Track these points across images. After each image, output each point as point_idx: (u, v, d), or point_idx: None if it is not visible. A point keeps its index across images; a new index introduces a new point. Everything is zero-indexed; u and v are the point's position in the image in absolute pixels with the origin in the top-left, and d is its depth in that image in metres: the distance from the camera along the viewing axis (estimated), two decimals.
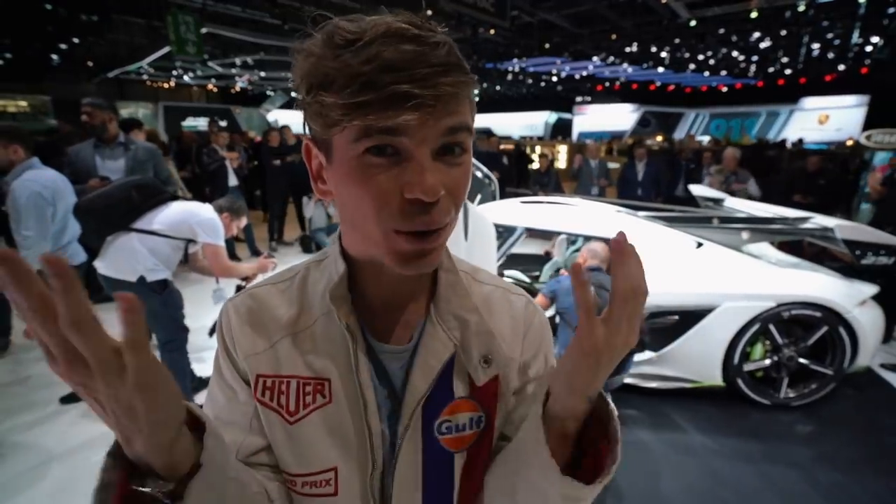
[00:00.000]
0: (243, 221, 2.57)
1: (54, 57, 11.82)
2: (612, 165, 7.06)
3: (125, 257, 2.23)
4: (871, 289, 2.74)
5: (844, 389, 2.90)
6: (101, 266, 2.27)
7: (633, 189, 5.75)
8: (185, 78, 16.49)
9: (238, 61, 12.74)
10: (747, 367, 2.69)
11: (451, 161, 0.41)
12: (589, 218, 3.03)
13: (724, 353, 2.65)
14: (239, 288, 2.30)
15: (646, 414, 2.71)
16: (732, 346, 2.64)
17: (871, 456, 2.38)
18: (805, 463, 2.32)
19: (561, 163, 13.43)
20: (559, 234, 3.70)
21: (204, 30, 7.71)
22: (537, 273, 3.92)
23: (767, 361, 2.72)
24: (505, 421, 0.55)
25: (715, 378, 2.70)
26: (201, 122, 18.39)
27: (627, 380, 2.67)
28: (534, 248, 4.45)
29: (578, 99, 24.28)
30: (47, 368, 0.32)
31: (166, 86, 17.85)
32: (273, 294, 0.54)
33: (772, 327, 2.63)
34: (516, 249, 4.29)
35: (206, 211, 2.34)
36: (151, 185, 2.32)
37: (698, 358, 2.70)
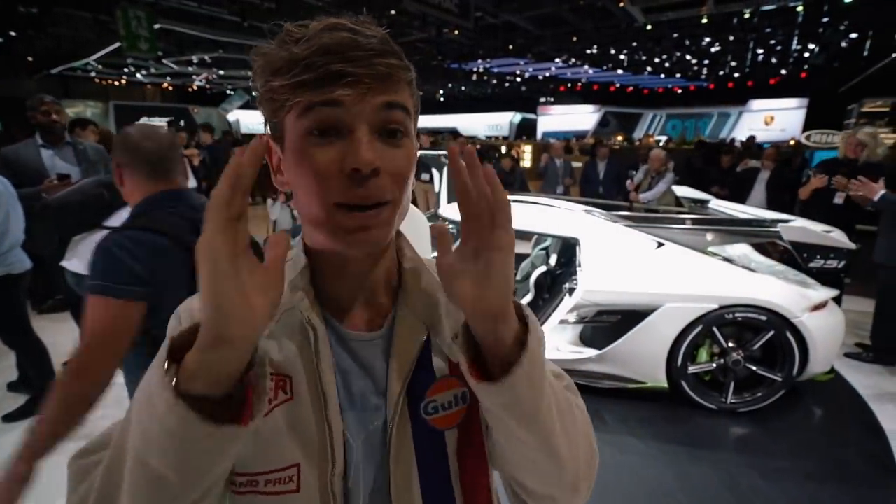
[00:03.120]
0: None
1: None
2: (577, 164, 7.26)
3: None
4: (823, 293, 2.64)
5: (803, 397, 2.84)
6: (74, 265, 2.16)
7: (594, 187, 5.94)
8: (138, 76, 15.72)
9: (195, 59, 12.26)
10: (691, 369, 2.65)
11: (393, 143, 0.44)
12: (551, 217, 3.07)
13: (667, 355, 2.61)
14: None
15: (607, 413, 2.69)
16: (676, 347, 2.60)
17: (806, 466, 2.29)
18: (730, 468, 2.27)
19: (526, 162, 13.67)
20: (524, 232, 3.77)
21: (157, 25, 7.38)
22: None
23: (712, 365, 2.66)
24: None
25: (659, 379, 2.67)
26: (156, 122, 17.60)
27: (577, 380, 2.68)
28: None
29: (542, 99, 24.80)
30: None
31: (117, 84, 16.95)
32: None
33: (715, 330, 2.59)
34: None
35: None
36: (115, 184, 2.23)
37: (642, 358, 2.66)
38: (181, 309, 0.54)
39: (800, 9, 8.68)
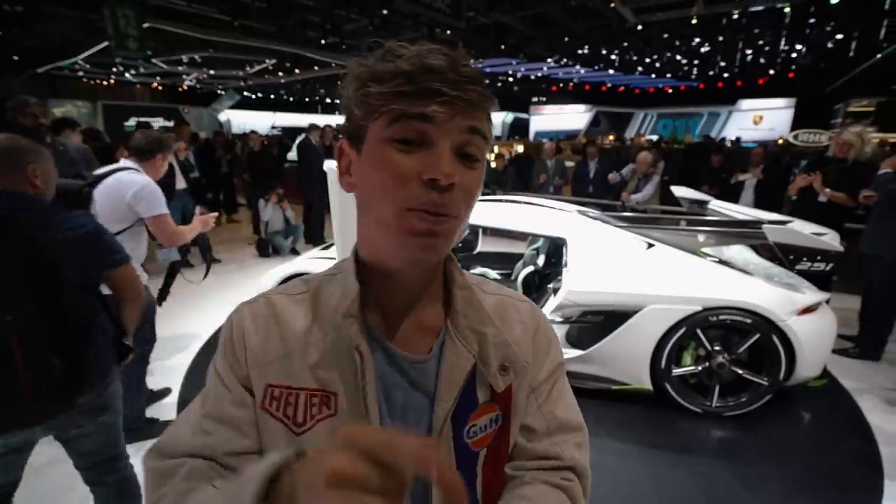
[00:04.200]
0: (170, 156, 2.39)
1: None
2: (570, 164, 7.30)
3: None
4: (812, 296, 2.56)
5: (792, 400, 2.77)
6: None
7: (585, 186, 5.98)
8: (127, 75, 15.53)
9: (185, 58, 12.14)
10: (676, 371, 2.61)
11: (468, 165, 0.47)
12: (539, 216, 3.06)
13: (650, 357, 2.57)
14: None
15: (584, 413, 2.68)
16: (659, 349, 2.55)
17: (789, 474, 2.23)
18: (708, 473, 2.23)
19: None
20: (511, 231, 3.78)
21: (146, 24, 7.30)
22: (508, 271, 4.00)
23: (697, 367, 2.62)
24: (523, 414, 0.60)
25: (643, 381, 2.63)
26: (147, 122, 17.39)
27: None
28: (504, 246, 4.51)
29: (534, 99, 24.89)
30: None
31: (105, 83, 16.73)
32: (288, 304, 0.56)
33: (699, 332, 2.54)
34: (487, 248, 4.36)
35: (134, 180, 2.10)
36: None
37: (625, 359, 2.63)
38: (234, 318, 0.56)
39: (787, 10, 8.80)
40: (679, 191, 3.89)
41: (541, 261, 3.62)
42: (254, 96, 22.54)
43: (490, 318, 0.57)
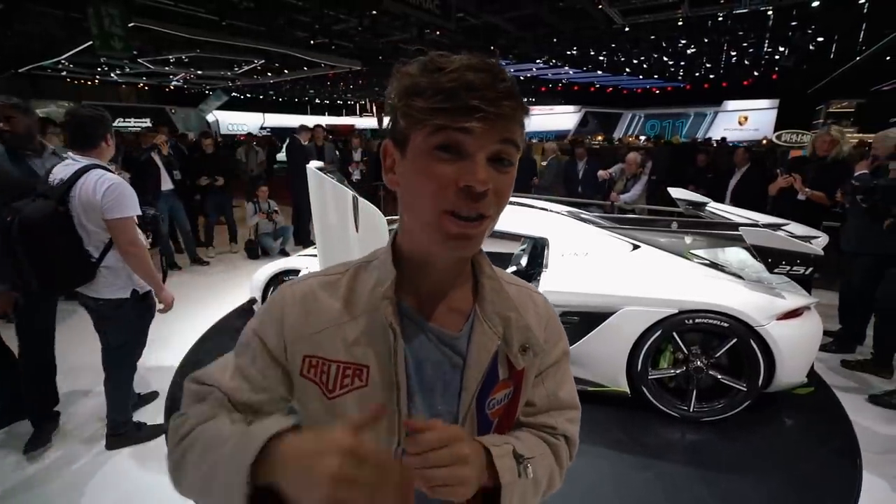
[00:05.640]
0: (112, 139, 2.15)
1: None
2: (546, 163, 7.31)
3: (113, 274, 2.07)
4: (793, 301, 2.49)
5: (780, 407, 2.71)
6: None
7: (574, 186, 6.03)
8: (112, 75, 15.29)
9: (172, 58, 11.98)
10: (652, 374, 2.58)
11: (501, 169, 0.52)
12: (522, 217, 3.05)
13: (626, 359, 2.55)
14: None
15: None
16: (636, 351, 2.53)
17: (760, 483, 2.16)
18: (676, 479, 2.19)
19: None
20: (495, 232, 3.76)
21: (131, 24, 7.20)
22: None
23: (673, 371, 2.59)
24: (530, 392, 0.69)
25: (620, 384, 2.60)
26: (133, 124, 17.17)
27: None
28: (503, 247, 4.50)
29: (524, 99, 24.97)
30: None
31: (89, 83, 16.46)
32: (325, 286, 0.62)
33: (675, 335, 2.51)
34: (486, 248, 4.31)
35: (94, 178, 1.93)
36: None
37: (601, 361, 2.61)
38: (276, 296, 0.63)
39: (770, 12, 8.96)
40: (676, 192, 3.87)
41: (524, 261, 3.63)
42: (242, 97, 22.33)
43: (515, 305, 0.65)
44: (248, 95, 22.27)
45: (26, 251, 1.87)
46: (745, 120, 20.59)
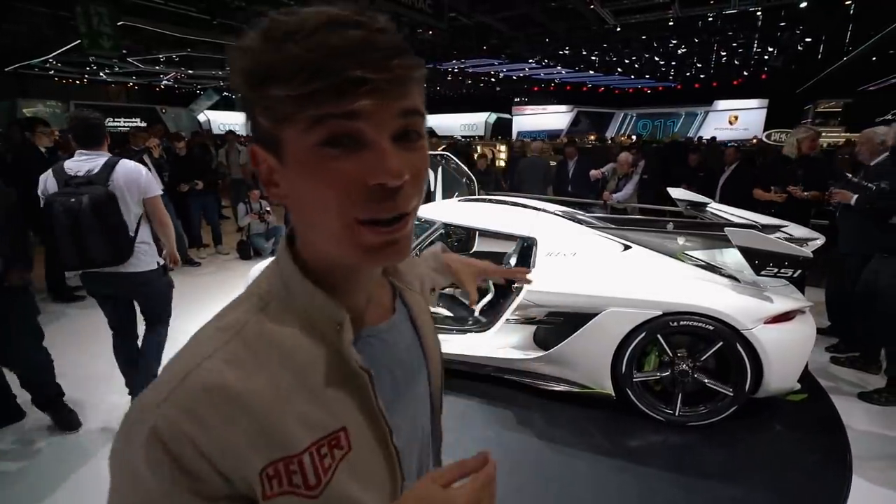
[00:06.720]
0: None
1: None
2: (553, 164, 7.35)
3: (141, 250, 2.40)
4: (781, 304, 2.39)
5: (772, 413, 2.62)
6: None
7: (564, 186, 6.06)
8: (102, 74, 15.13)
9: (162, 57, 11.89)
10: (637, 377, 2.53)
11: (410, 146, 0.40)
12: (510, 216, 3.05)
13: (611, 361, 2.50)
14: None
15: (538, 413, 2.63)
16: (620, 353, 2.48)
17: (739, 490, 2.10)
18: (653, 482, 2.15)
19: (503, 161, 13.80)
20: (482, 231, 3.71)
21: (120, 22, 7.14)
22: None
23: (658, 373, 2.53)
24: None
25: (605, 386, 2.55)
26: (122, 123, 16.98)
27: (525, 379, 2.70)
28: (496, 246, 4.50)
29: (516, 99, 25.12)
30: None
31: (78, 82, 16.27)
32: (231, 367, 0.40)
33: (660, 337, 2.46)
34: (484, 248, 4.35)
35: (130, 164, 2.33)
36: None
37: (585, 362, 2.57)
38: (154, 431, 0.37)
39: (759, 13, 9.07)
40: (676, 192, 3.80)
41: (513, 261, 3.63)
42: (234, 96, 22.16)
43: (420, 261, 0.68)
44: (241, 95, 22.15)
45: (98, 227, 2.15)
46: (736, 119, 20.80)
